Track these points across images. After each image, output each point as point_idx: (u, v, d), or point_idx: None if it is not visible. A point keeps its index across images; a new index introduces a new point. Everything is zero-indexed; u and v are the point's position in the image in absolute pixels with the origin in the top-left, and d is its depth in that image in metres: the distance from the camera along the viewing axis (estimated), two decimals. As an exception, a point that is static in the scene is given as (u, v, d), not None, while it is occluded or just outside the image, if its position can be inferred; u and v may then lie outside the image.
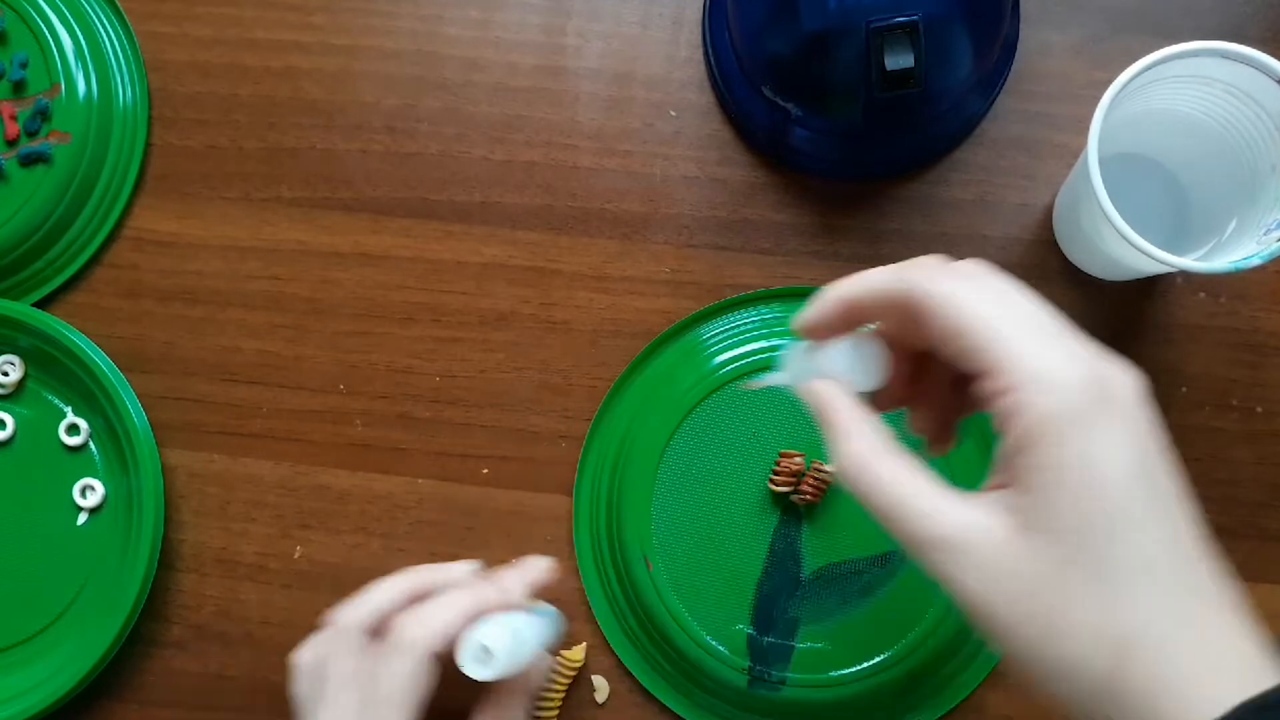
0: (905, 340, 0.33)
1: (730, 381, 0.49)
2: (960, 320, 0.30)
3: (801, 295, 0.50)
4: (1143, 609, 0.28)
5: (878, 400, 0.34)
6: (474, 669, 0.39)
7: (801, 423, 0.49)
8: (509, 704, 0.42)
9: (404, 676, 0.38)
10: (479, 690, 0.41)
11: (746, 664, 0.48)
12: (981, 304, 0.30)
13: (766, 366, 0.49)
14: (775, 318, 0.50)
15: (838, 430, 0.32)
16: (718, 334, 0.51)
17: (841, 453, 0.32)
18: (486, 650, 0.39)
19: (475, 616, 0.40)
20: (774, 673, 0.47)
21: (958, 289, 0.31)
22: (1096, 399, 0.29)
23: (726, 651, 0.48)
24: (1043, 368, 0.29)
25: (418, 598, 0.43)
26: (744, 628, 0.48)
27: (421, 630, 0.39)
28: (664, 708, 0.50)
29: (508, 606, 0.42)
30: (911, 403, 0.35)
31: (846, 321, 0.33)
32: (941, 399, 0.35)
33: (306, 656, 0.42)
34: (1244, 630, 0.29)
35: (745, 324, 0.50)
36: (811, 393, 0.34)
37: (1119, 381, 0.29)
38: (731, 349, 0.50)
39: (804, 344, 0.35)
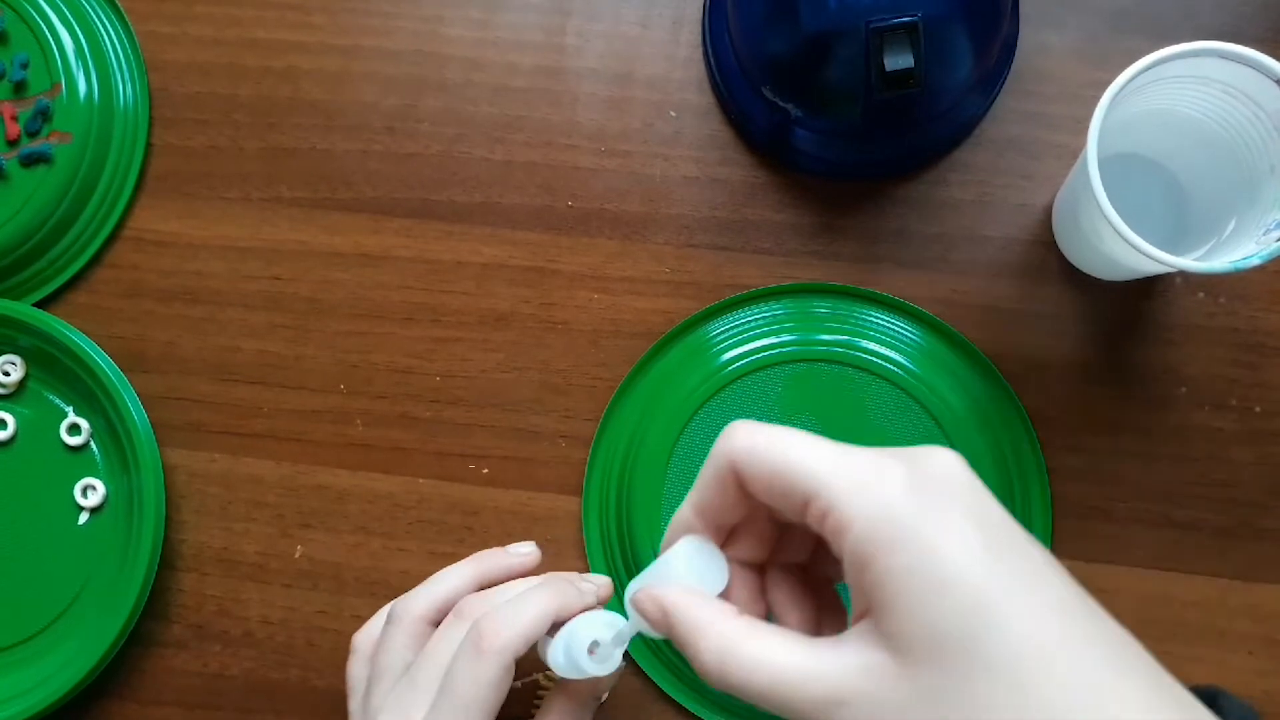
0: (730, 528, 0.33)
1: (737, 379, 0.49)
2: (773, 460, 0.29)
3: (808, 291, 0.51)
4: (1035, 705, 0.25)
5: (730, 592, 0.33)
6: (590, 665, 0.36)
7: (809, 419, 0.49)
8: (580, 705, 0.40)
9: (487, 684, 0.36)
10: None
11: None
12: (787, 441, 0.29)
13: (772, 363, 0.49)
14: (782, 314, 0.50)
15: (688, 634, 0.30)
16: (724, 331, 0.51)
17: (700, 656, 0.29)
18: (598, 645, 0.37)
19: (557, 618, 0.39)
20: None
21: (762, 438, 0.30)
22: (916, 491, 0.27)
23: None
24: (855, 477, 0.28)
25: (483, 585, 0.42)
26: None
27: (508, 633, 0.37)
28: (673, 702, 0.50)
29: (587, 608, 0.40)
30: (773, 598, 0.33)
31: (713, 517, 0.32)
32: (800, 582, 0.33)
33: (363, 640, 0.43)
34: (1147, 693, 0.26)
35: (751, 321, 0.51)
36: (651, 603, 0.31)
37: (935, 464, 0.28)
38: (738, 346, 0.50)
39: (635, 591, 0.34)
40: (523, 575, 0.44)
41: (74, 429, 0.53)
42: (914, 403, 0.48)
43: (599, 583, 0.42)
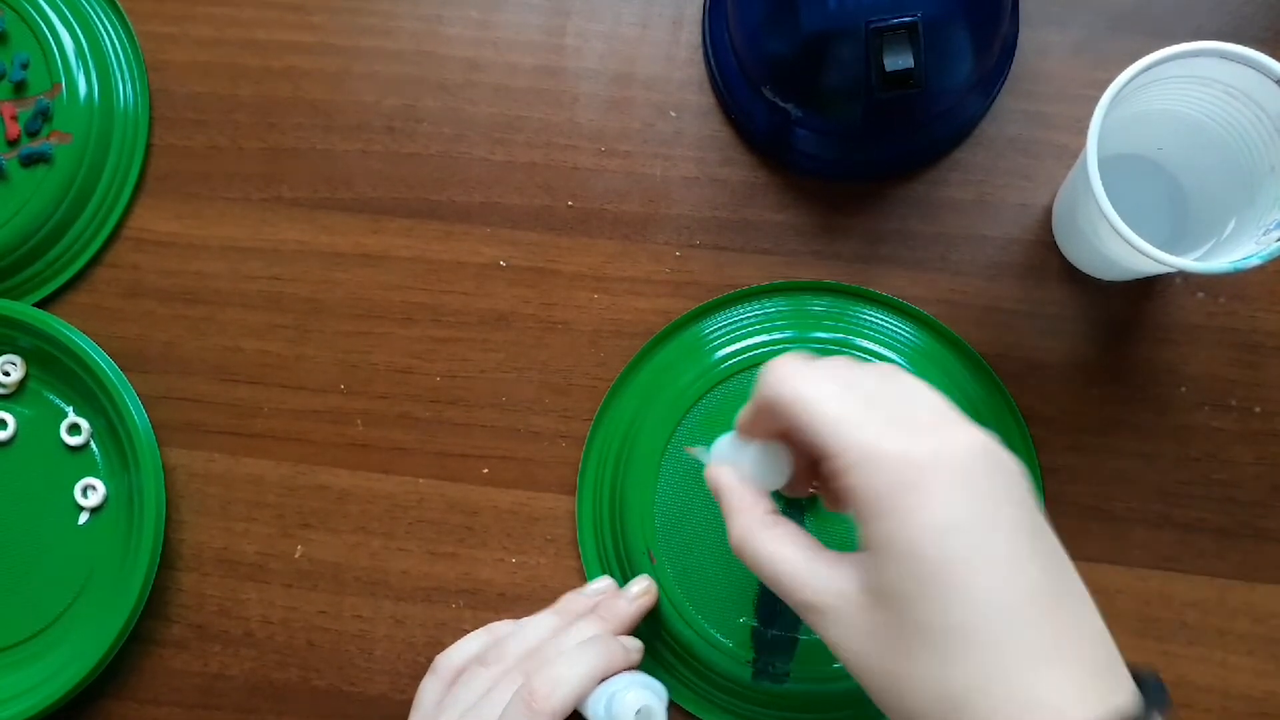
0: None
1: (731, 376, 0.49)
2: (797, 412, 0.33)
3: (803, 289, 0.51)
4: (970, 672, 0.30)
5: (791, 489, 0.39)
6: None
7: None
8: None
9: None
10: None
11: (751, 656, 0.48)
12: (813, 394, 0.33)
13: (765, 360, 0.49)
14: (776, 312, 0.50)
15: (727, 510, 0.37)
16: (719, 329, 0.51)
17: (730, 530, 0.36)
18: (650, 712, 0.41)
19: (604, 676, 0.42)
20: (778, 665, 0.47)
21: (793, 386, 0.34)
22: (913, 473, 0.31)
23: (730, 644, 0.48)
24: (865, 448, 0.32)
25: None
26: (748, 620, 0.48)
27: (559, 694, 0.40)
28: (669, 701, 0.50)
29: (631, 666, 0.44)
30: (819, 489, 0.40)
31: (763, 429, 0.37)
32: None
33: (445, 664, 0.45)
34: (1093, 670, 0.30)
35: (746, 318, 0.51)
36: (710, 477, 0.38)
37: (940, 449, 0.31)
38: (733, 343, 0.50)
39: (734, 436, 0.39)
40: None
41: (74, 429, 0.53)
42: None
43: (637, 646, 0.46)
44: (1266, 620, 0.48)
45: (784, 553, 0.34)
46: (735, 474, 0.38)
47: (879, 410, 0.33)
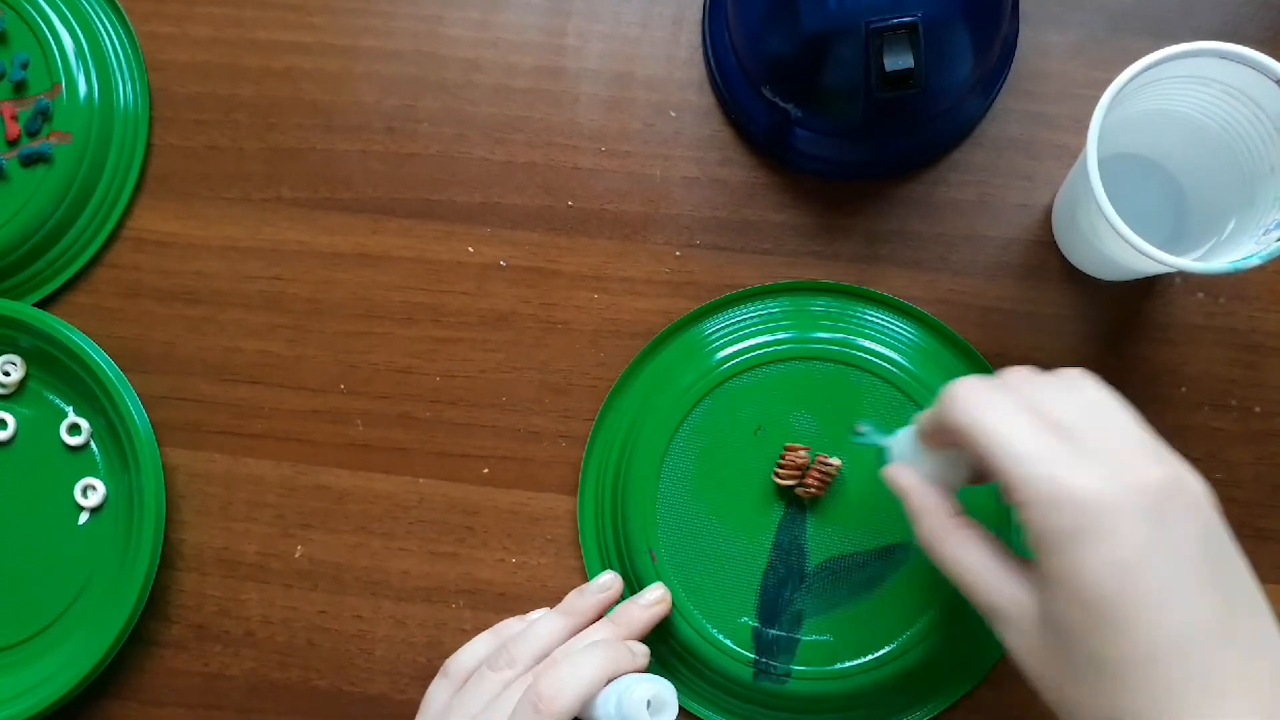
0: None
1: (733, 376, 0.49)
2: (982, 443, 0.35)
3: (804, 290, 0.51)
4: (1138, 704, 0.31)
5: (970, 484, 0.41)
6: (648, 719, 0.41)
7: (805, 417, 0.49)
8: None
9: None
10: None
11: (752, 657, 0.48)
12: (1000, 427, 0.34)
13: (768, 361, 0.49)
14: (777, 312, 0.50)
15: (913, 511, 0.39)
16: (720, 329, 0.51)
17: (917, 531, 0.39)
18: (662, 702, 0.42)
19: (610, 678, 0.42)
20: (779, 665, 0.47)
21: (979, 415, 0.35)
22: (1095, 513, 0.32)
23: (732, 644, 0.48)
24: (1049, 488, 0.33)
25: (575, 632, 0.46)
26: (749, 621, 0.48)
27: (566, 697, 0.41)
28: None
29: (638, 668, 0.44)
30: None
31: (943, 441, 0.39)
32: None
33: (456, 668, 0.46)
34: (1271, 703, 0.31)
35: (747, 319, 0.51)
36: (890, 477, 0.41)
37: (1129, 486, 0.32)
38: (734, 344, 0.50)
39: (912, 435, 0.41)
40: (609, 607, 0.48)
41: (74, 429, 0.53)
42: (909, 401, 0.48)
43: (643, 651, 0.46)
44: (1266, 620, 0.48)
45: (971, 557, 0.37)
46: (916, 474, 0.40)
47: (1068, 442, 0.34)
